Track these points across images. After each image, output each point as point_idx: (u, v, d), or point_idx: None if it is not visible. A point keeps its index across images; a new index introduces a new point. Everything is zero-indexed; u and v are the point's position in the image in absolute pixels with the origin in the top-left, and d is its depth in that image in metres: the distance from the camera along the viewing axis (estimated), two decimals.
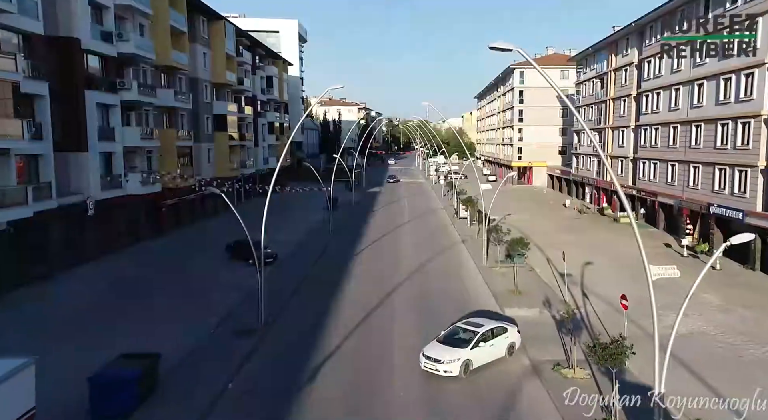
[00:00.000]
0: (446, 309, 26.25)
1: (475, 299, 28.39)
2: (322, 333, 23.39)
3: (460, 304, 27.14)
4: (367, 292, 29.47)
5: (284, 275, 32.52)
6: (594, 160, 62.94)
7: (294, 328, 24.00)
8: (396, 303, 27.63)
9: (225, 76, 54.71)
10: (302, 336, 23.00)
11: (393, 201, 70.69)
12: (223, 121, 55.52)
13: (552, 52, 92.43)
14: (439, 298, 28.43)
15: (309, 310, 26.57)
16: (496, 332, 20.34)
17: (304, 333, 23.35)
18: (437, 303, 27.45)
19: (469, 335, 19.83)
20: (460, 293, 29.33)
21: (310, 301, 28.01)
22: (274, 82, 76.82)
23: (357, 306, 27.00)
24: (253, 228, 25.68)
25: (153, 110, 41.04)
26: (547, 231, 47.25)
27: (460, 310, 25.92)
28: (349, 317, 25.36)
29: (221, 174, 55.30)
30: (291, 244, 41.62)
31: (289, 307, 27.00)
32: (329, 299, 28.13)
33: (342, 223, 51.22)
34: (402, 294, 29.16)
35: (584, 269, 33.41)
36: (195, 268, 33.64)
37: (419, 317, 25.44)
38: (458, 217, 54.66)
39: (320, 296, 28.69)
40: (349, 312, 26.20)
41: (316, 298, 28.34)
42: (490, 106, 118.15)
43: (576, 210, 59.07)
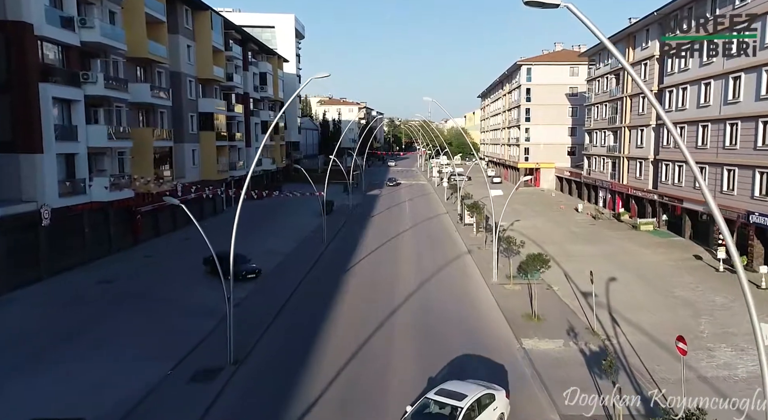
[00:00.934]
0: (453, 341, 22.16)
1: (486, 326, 24.29)
2: (303, 374, 19.30)
3: (469, 334, 23.07)
4: (361, 316, 25.37)
5: (267, 294, 28.46)
6: (608, 162, 58.80)
7: (270, 367, 19.92)
8: (393, 331, 23.50)
9: (212, 72, 50.67)
10: (278, 378, 18.90)
11: (393, 205, 66.62)
12: (209, 120, 51.49)
13: (560, 47, 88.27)
14: (445, 325, 24.28)
15: (291, 340, 22.48)
16: (483, 402, 15.06)
17: (282, 373, 19.26)
18: (443, 332, 23.30)
19: (448, 411, 14.52)
20: (468, 319, 25.18)
21: (294, 328, 23.91)
22: (268, 79, 72.73)
23: (348, 334, 22.91)
24: (236, 236, 21.59)
25: (126, 107, 36.99)
26: (561, 240, 43.14)
27: (470, 343, 21.89)
28: (339, 350, 21.29)
29: (208, 177, 51.30)
30: (279, 254, 37.61)
31: (268, 335, 22.90)
32: (316, 325, 24.03)
33: (337, 231, 47.19)
34: (401, 319, 25.04)
35: (609, 287, 29.29)
36: (164, 286, 29.54)
37: (420, 351, 21.33)
38: (463, 223, 50.57)
39: (306, 321, 24.60)
40: (339, 342, 22.12)
41: (301, 324, 24.25)
42: (495, 105, 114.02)
43: (589, 215, 54.93)
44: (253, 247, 39.10)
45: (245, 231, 47.94)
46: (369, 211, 61.42)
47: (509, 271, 31.56)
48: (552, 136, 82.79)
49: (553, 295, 28.38)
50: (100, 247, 34.32)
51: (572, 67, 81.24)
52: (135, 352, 20.75)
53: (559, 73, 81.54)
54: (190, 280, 30.89)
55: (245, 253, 32.73)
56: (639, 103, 50.44)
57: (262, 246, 39.91)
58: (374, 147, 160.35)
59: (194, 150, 49.87)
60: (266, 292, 28.75)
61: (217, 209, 53.84)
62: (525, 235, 42.94)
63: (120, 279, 30.66)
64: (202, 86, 52.15)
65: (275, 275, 32.28)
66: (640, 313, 25.27)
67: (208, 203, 50.90)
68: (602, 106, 60.85)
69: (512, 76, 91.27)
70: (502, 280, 30.93)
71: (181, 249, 38.59)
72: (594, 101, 63.74)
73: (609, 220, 52.38)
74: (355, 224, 51.67)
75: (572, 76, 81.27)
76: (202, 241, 20.77)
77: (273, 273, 32.71)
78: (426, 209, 62.94)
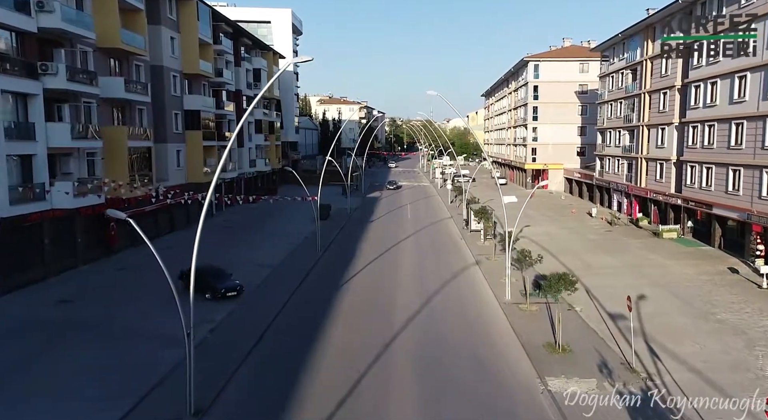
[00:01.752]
0: (463, 382, 18.42)
1: (502, 359, 20.50)
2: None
3: (483, 372, 19.31)
4: (354, 347, 21.58)
5: (247, 317, 24.74)
6: (624, 163, 54.99)
7: (240, 418, 16.22)
8: (392, 368, 19.71)
9: (198, 66, 46.94)
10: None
11: (394, 208, 62.87)
12: (196, 118, 47.79)
13: (569, 43, 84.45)
14: (453, 358, 20.47)
15: (268, 381, 18.73)
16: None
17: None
18: (450, 369, 19.49)
19: None
20: (480, 350, 21.37)
21: (273, 363, 20.13)
22: (262, 76, 69.00)
23: (338, 372, 19.14)
24: (221, 245, 17.89)
25: (97, 103, 33.31)
26: (578, 249, 39.40)
27: (484, 385, 18.18)
28: (325, 393, 17.55)
29: (194, 179, 47.62)
30: (267, 266, 33.90)
31: (241, 374, 19.13)
32: (300, 359, 20.26)
33: (333, 238, 43.49)
34: (400, 351, 21.23)
35: (640, 308, 25.53)
36: (131, 307, 25.78)
37: (424, 394, 17.57)
38: (469, 229, 46.84)
39: (289, 353, 20.87)
40: (327, 383, 18.36)
41: (283, 358, 20.50)
42: (499, 104, 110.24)
43: (604, 221, 51.17)
44: (239, 258, 35.52)
45: (232, 239, 44.50)
46: (368, 215, 57.70)
47: (523, 287, 27.90)
48: (560, 136, 79.03)
49: (576, 317, 24.63)
50: (65, 261, 30.63)
51: (582, 64, 77.53)
52: (87, 393, 17.10)
53: (568, 69, 77.75)
54: (162, 298, 27.03)
55: (226, 268, 29.07)
56: (660, 100, 46.62)
57: (249, 256, 36.24)
58: (375, 147, 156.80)
59: (179, 151, 46.19)
60: (247, 315, 25.04)
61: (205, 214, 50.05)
62: (537, 243, 39.30)
63: (83, 298, 26.95)
64: (189, 82, 48.49)
65: (259, 293, 28.54)
66: (683, 342, 21.49)
67: (195, 207, 47.12)
68: (617, 103, 57.03)
69: (519, 73, 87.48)
70: (516, 298, 27.22)
71: (161, 259, 34.84)
72: (607, 98, 59.93)
73: (626, 226, 48.58)
74: (353, 230, 47.94)
75: (582, 73, 77.53)
76: (186, 249, 17.22)
77: (257, 290, 28.97)
78: (429, 213, 59.20)
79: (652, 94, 48.17)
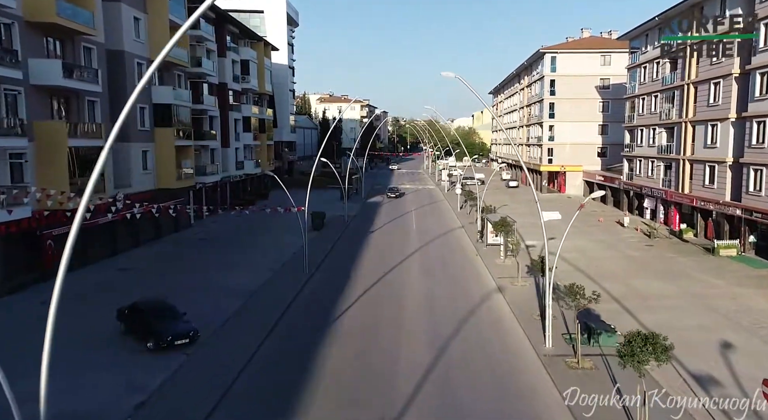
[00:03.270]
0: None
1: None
2: None
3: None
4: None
5: (196, 380, 17.92)
6: (660, 165, 48.15)
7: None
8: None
9: (169, 53, 40.22)
10: None
11: (397, 216, 56.08)
12: (166, 113, 41.08)
13: (588, 34, 77.58)
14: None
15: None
16: None
17: None
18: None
19: None
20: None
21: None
22: (251, 68, 62.20)
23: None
24: (190, 266, 11.66)
25: (25, 91, 26.61)
26: (618, 270, 32.64)
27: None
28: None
29: (166, 184, 40.92)
30: (240, 295, 27.15)
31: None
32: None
33: (326, 254, 36.75)
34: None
35: (732, 365, 18.73)
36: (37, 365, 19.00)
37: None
38: (485, 243, 40.01)
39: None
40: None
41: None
42: (509, 102, 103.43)
43: (639, 232, 44.35)
44: (208, 283, 28.93)
45: (204, 258, 36.04)
46: (368, 224, 50.91)
47: (563, 323, 21.22)
48: (579, 135, 72.24)
49: (651, 382, 17.78)
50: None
51: (604, 56, 70.74)
52: None
53: (588, 62, 70.90)
54: (91, 346, 20.37)
55: (176, 306, 22.15)
56: (710, 91, 39.73)
57: (221, 281, 29.56)
58: (377, 147, 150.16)
59: (146, 151, 39.50)
60: (197, 376, 18.26)
61: (180, 225, 43.45)
62: (568, 261, 32.63)
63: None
64: (159, 71, 41.84)
65: (221, 338, 21.70)
66: None
67: (168, 216, 40.27)
68: (650, 97, 50.17)
69: (533, 67, 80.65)
70: (559, 347, 20.46)
71: (106, 286, 28.16)
72: (638, 92, 53.09)
73: (668, 239, 41.71)
74: (349, 244, 41.14)
75: (604, 66, 70.70)
76: (148, 271, 11.27)
77: (219, 333, 22.16)
78: (437, 222, 52.40)
79: (699, 85, 41.30)
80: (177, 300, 23.11)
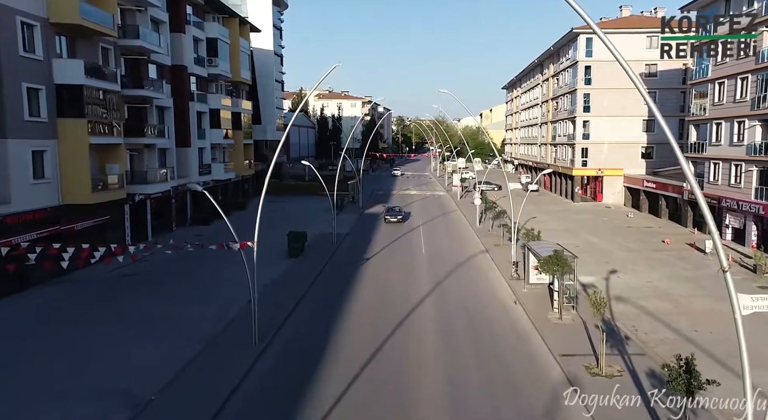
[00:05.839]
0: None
1: None
2: None
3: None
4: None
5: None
6: (751, 170, 36.17)
7: None
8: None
9: (77, 13, 28.42)
10: None
11: (401, 234, 44.10)
12: (77, 99, 29.29)
13: (627, 12, 65.41)
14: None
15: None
16: None
17: None
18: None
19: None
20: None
21: None
22: (221, 49, 50.24)
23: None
24: (70, 339, 8.13)
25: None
26: (754, 344, 20.44)
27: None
28: None
29: (75, 199, 29.24)
30: (127, 405, 15.27)
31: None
32: None
33: (297, 301, 24.72)
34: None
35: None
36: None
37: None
38: (526, 282, 27.96)
39: None
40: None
41: None
42: (529, 96, 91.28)
43: (732, 261, 32.25)
44: (83, 378, 16.94)
45: (101, 318, 22.54)
46: (362, 247, 38.91)
47: None
48: (619, 132, 60.24)
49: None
50: None
51: (650, 38, 58.45)
52: None
53: (631, 44, 58.35)
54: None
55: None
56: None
57: (115, 365, 17.72)
58: (380, 148, 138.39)
59: (41, 151, 27.75)
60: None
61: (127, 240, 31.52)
62: (651, 314, 20.71)
63: None
64: (70, 40, 30.11)
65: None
66: None
67: (99, 236, 28.30)
68: (734, 80, 38.16)
69: (562, 53, 68.51)
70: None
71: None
72: (711, 76, 41.09)
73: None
74: (334, 282, 29.15)
75: (650, 49, 58.47)
76: None
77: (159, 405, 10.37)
78: (452, 244, 40.43)
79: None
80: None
